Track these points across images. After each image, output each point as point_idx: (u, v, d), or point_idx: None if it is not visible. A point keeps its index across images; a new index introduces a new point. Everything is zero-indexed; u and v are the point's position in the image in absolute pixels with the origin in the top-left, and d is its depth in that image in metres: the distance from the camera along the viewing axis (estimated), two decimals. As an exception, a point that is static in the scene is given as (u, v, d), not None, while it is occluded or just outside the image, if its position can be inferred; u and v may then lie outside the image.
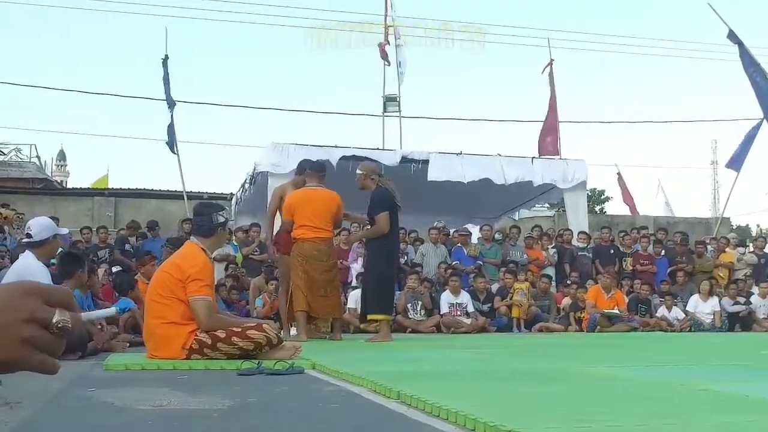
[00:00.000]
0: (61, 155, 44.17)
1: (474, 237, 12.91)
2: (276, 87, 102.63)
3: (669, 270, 12.49)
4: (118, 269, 9.08)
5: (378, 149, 13.17)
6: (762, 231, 25.79)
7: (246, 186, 13.35)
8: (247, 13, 42.24)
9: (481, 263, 11.80)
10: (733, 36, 14.39)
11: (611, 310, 10.88)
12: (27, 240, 5.12)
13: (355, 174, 7.24)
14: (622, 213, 21.00)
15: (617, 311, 10.92)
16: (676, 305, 11.64)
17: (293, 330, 7.08)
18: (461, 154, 12.89)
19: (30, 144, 23.94)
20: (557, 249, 12.44)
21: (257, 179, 12.39)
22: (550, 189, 13.72)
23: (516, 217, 17.20)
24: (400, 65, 15.17)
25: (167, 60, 14.16)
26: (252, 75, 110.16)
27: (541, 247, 12.53)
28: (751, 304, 11.73)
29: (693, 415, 2.21)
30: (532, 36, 44.41)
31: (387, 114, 15.31)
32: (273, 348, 4.36)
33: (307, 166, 7.56)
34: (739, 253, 13.32)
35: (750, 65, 14.37)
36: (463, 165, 12.66)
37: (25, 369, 0.88)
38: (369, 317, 7.22)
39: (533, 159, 13.44)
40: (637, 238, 12.97)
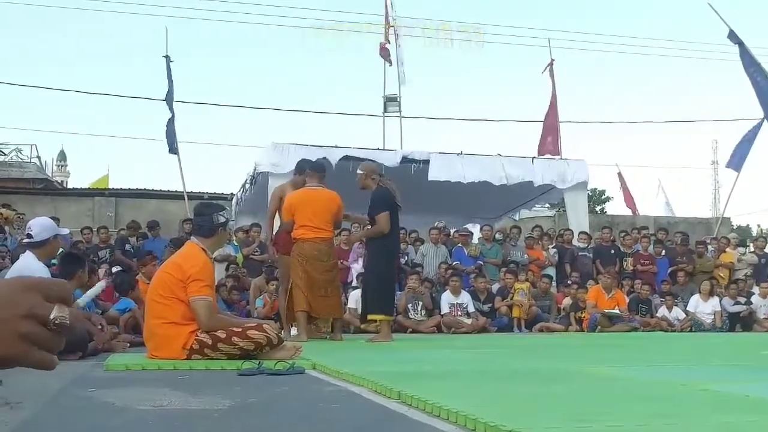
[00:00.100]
0: (62, 155, 44.18)
1: (475, 237, 12.92)
2: (276, 87, 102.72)
3: (669, 270, 12.50)
4: (117, 269, 9.08)
5: (378, 149, 13.16)
6: (762, 231, 25.79)
7: (246, 186, 13.35)
8: (247, 13, 42.33)
9: (482, 263, 11.80)
10: (734, 36, 14.40)
11: (612, 310, 10.89)
12: (28, 240, 5.12)
13: (355, 174, 7.24)
14: (622, 213, 21.00)
15: (618, 311, 10.93)
16: (676, 305, 11.65)
17: (294, 330, 7.08)
18: (462, 154, 12.88)
19: (30, 144, 24.03)
20: (558, 249, 12.44)
21: (258, 179, 12.39)
22: (550, 189, 13.71)
23: (516, 217, 17.19)
24: (402, 65, 15.17)
25: (169, 59, 14.14)
26: (252, 75, 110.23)
27: (542, 247, 12.53)
28: (752, 304, 11.73)
29: (693, 416, 2.21)
30: (532, 36, 44.47)
31: (387, 114, 15.31)
32: (273, 348, 4.36)
33: (307, 166, 7.56)
34: (740, 253, 13.32)
35: (750, 65, 14.37)
36: (464, 165, 12.65)
37: (23, 365, 0.88)
38: (369, 317, 7.23)
39: (534, 159, 13.43)
40: (638, 238, 12.97)
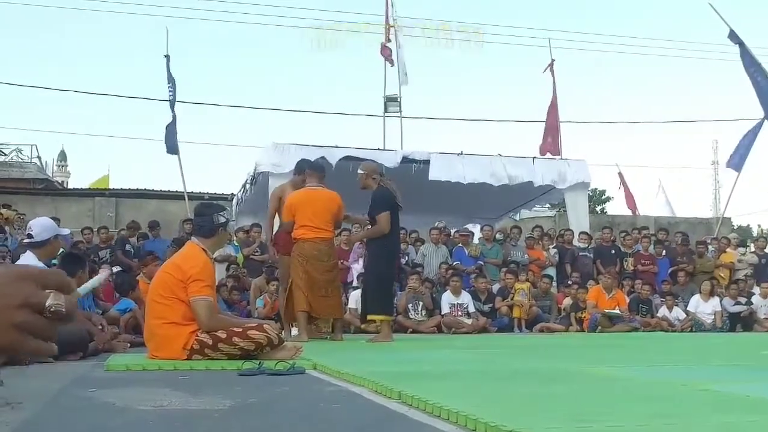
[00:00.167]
0: (62, 156, 44.26)
1: (475, 237, 12.92)
2: (276, 87, 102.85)
3: (670, 270, 12.50)
4: (118, 269, 9.09)
5: (379, 149, 13.16)
6: (763, 231, 25.81)
7: (247, 186, 13.34)
8: (247, 14, 42.29)
9: (482, 263, 11.81)
10: (734, 36, 14.40)
11: (612, 310, 10.89)
12: (28, 240, 5.13)
13: (356, 174, 7.25)
14: (623, 213, 20.98)
15: (618, 311, 10.93)
16: (677, 305, 11.65)
17: (294, 330, 7.08)
18: (462, 154, 12.88)
19: (31, 144, 23.99)
20: (558, 249, 12.44)
21: (258, 179, 12.39)
22: (550, 189, 13.71)
23: (517, 218, 17.19)
24: (403, 65, 15.16)
25: (169, 59, 14.14)
26: (252, 75, 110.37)
27: (542, 248, 12.53)
28: (752, 304, 11.73)
29: (694, 416, 2.20)
30: (532, 36, 44.47)
31: (388, 114, 15.30)
32: (274, 348, 4.36)
33: (307, 166, 7.56)
34: (740, 254, 13.32)
35: (751, 65, 14.37)
36: (464, 165, 12.65)
37: (20, 353, 0.88)
38: (369, 317, 7.22)
39: (534, 159, 13.43)
40: (638, 238, 12.98)
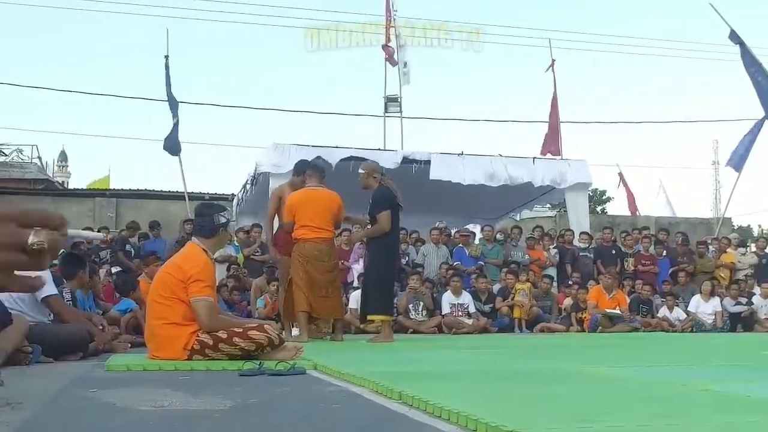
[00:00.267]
0: (63, 156, 44.21)
1: (476, 237, 12.91)
2: (276, 87, 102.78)
3: (670, 270, 12.50)
4: (118, 270, 9.09)
5: (379, 150, 13.16)
6: (763, 231, 25.81)
7: (247, 186, 13.35)
8: (247, 13, 42.31)
9: (483, 264, 11.80)
10: (735, 36, 14.40)
11: (613, 310, 10.89)
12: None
13: (356, 174, 7.25)
14: (623, 213, 21.00)
15: (619, 312, 10.92)
16: (677, 305, 11.65)
17: (294, 330, 7.08)
18: (462, 154, 12.88)
19: (31, 145, 24.01)
20: (559, 249, 12.44)
21: (258, 180, 12.39)
22: (551, 189, 13.71)
23: (517, 218, 17.20)
24: (404, 65, 15.16)
25: (168, 60, 14.12)
26: (252, 75, 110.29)
27: (543, 248, 12.53)
28: (753, 304, 11.73)
29: (694, 416, 2.20)
30: (531, 36, 44.48)
31: (388, 114, 15.31)
32: (274, 348, 4.35)
33: (307, 166, 7.56)
34: (741, 254, 13.32)
35: (751, 65, 14.37)
36: (465, 165, 12.64)
37: (8, 291, 0.88)
38: (369, 317, 7.22)
39: (534, 159, 13.43)
40: (639, 238, 12.97)
